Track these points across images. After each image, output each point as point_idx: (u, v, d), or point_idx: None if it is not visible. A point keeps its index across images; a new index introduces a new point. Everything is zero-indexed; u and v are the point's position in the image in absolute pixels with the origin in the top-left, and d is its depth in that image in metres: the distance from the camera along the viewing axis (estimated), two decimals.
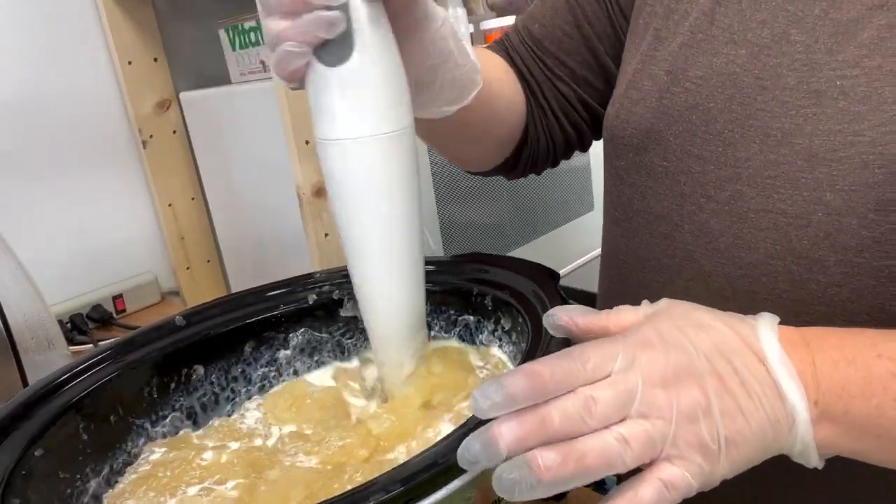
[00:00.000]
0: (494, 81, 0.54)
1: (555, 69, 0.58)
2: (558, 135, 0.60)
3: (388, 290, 0.41)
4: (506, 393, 0.28)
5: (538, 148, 0.60)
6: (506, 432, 0.28)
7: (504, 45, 0.60)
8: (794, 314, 0.42)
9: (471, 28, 1.21)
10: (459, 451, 0.28)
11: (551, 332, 0.35)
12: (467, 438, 0.28)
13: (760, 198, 0.42)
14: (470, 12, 1.23)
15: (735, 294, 0.44)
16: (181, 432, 0.47)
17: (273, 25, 0.36)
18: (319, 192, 0.91)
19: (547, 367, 0.29)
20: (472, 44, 1.20)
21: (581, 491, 0.60)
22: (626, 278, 0.53)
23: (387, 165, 0.38)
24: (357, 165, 0.38)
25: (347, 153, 0.38)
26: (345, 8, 0.35)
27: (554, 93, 0.58)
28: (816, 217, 0.40)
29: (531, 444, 0.28)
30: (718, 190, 0.44)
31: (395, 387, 0.43)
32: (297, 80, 0.38)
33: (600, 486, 1.37)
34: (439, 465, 0.29)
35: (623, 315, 0.36)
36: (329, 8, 0.35)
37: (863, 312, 0.40)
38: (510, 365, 0.47)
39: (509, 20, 1.20)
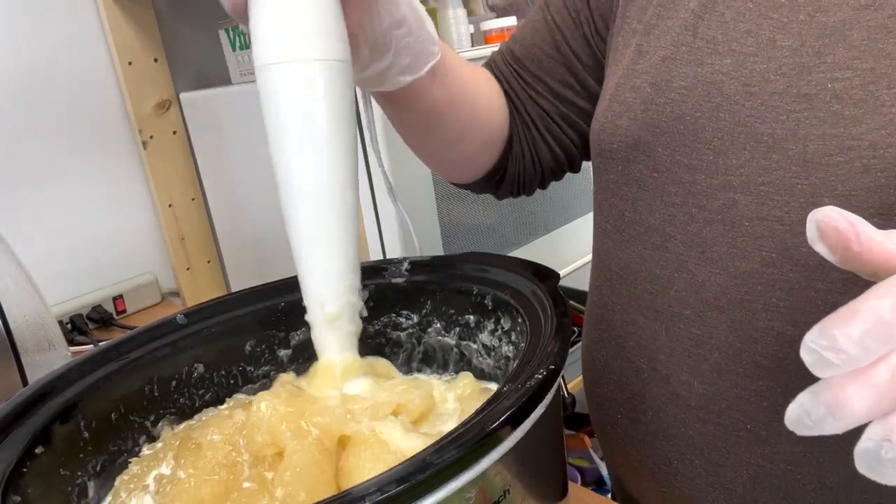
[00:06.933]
0: (476, 83, 0.56)
1: (535, 86, 0.59)
2: (544, 150, 0.61)
3: (310, 223, 0.40)
4: (857, 342, 0.22)
5: (523, 163, 0.61)
6: (856, 399, 0.22)
7: (489, 65, 0.62)
8: (793, 323, 0.41)
9: (471, 28, 1.21)
10: (795, 412, 0.23)
11: (815, 236, 0.26)
12: (804, 398, 0.23)
13: (754, 205, 0.42)
14: (470, 13, 1.23)
15: (729, 303, 0.44)
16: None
17: None
18: None
19: (888, 305, 0.22)
20: (472, 44, 1.20)
21: (581, 491, 0.60)
22: (618, 290, 0.52)
23: (310, 93, 0.39)
24: (273, 90, 0.39)
25: (267, 77, 0.39)
26: None
27: (536, 109, 0.59)
28: None
29: (885, 410, 0.23)
30: (710, 199, 0.44)
31: (316, 330, 0.42)
32: (241, 13, 0.40)
33: (600, 486, 1.38)
34: (438, 464, 0.28)
35: None
36: None
37: None
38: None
39: (509, 20, 1.20)
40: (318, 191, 0.40)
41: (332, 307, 0.41)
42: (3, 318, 0.64)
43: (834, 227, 0.25)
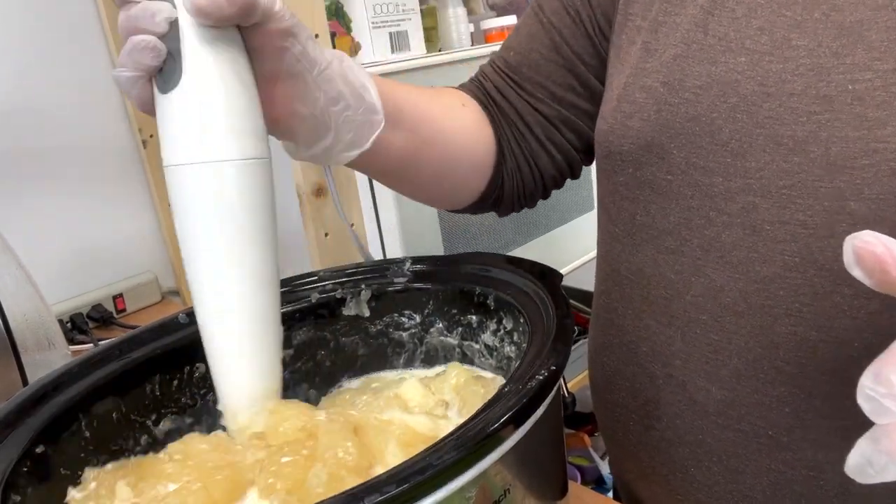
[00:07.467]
0: (449, 116, 0.54)
1: (535, 93, 0.57)
2: (544, 160, 0.58)
3: (219, 332, 0.39)
4: None
5: (522, 180, 0.59)
6: None
7: (478, 80, 0.60)
8: (816, 328, 0.41)
9: (471, 28, 1.21)
10: (856, 461, 0.24)
11: (852, 261, 0.26)
12: (864, 446, 0.24)
13: (776, 209, 0.41)
14: (470, 12, 1.23)
15: (749, 309, 0.43)
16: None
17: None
18: (319, 191, 0.91)
19: None
20: (472, 43, 1.20)
21: (581, 490, 0.60)
22: (629, 294, 0.51)
23: (219, 197, 0.36)
24: (182, 192, 0.37)
25: (174, 179, 0.37)
26: (175, 35, 0.35)
27: (536, 117, 0.57)
28: (840, 227, 0.39)
29: None
30: (729, 202, 0.43)
31: (231, 433, 0.41)
32: (150, 111, 0.37)
33: (600, 485, 1.38)
34: (438, 464, 0.28)
35: None
36: (152, 34, 0.35)
37: (894, 325, 0.38)
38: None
39: (510, 19, 1.20)
40: (228, 299, 0.38)
41: (244, 417, 0.39)
42: (3, 317, 0.64)
43: (871, 251, 0.25)
